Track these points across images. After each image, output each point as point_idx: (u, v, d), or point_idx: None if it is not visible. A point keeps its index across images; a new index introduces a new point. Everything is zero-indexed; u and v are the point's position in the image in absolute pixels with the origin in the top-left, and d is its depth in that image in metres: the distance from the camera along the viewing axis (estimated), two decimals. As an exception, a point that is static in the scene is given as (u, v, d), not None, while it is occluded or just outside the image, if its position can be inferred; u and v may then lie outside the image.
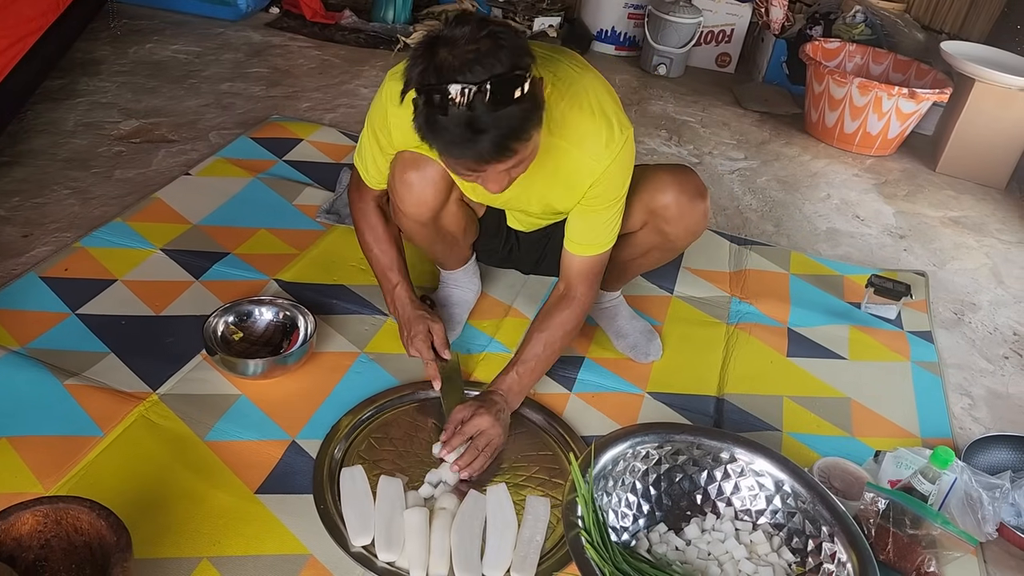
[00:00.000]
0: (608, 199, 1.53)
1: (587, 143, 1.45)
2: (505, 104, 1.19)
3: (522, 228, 1.81)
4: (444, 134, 1.22)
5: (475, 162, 1.26)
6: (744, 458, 1.50)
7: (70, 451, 1.45)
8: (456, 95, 1.17)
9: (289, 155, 2.57)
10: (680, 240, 1.72)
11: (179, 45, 3.29)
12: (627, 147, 1.48)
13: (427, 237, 1.73)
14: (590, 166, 1.47)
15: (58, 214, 2.13)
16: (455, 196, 1.66)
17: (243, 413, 1.61)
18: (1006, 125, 3.15)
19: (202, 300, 1.87)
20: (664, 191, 1.64)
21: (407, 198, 1.60)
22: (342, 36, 3.65)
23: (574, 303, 1.63)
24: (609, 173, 1.48)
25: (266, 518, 1.41)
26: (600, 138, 1.45)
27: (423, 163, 1.55)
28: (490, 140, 1.21)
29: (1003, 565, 1.57)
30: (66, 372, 1.62)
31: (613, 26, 3.97)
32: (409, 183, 1.58)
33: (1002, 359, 2.19)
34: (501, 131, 1.21)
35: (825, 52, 3.59)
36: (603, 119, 1.45)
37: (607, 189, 1.51)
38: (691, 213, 1.66)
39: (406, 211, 1.63)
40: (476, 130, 1.20)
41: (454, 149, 1.24)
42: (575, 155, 1.46)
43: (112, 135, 2.56)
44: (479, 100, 1.17)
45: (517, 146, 1.25)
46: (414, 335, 1.68)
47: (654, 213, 1.66)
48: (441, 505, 1.44)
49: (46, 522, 1.17)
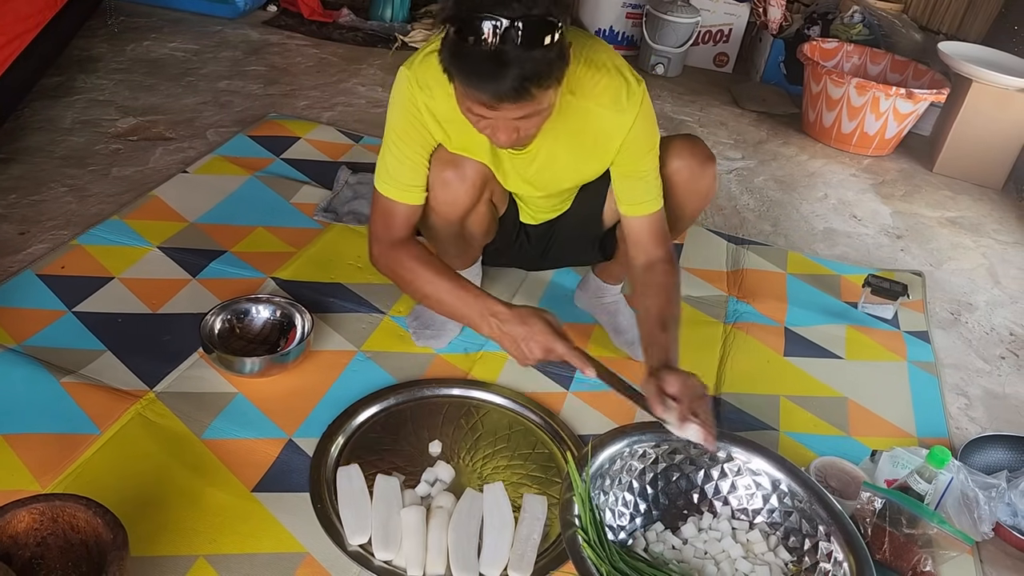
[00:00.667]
0: (643, 150, 1.55)
1: (610, 100, 1.47)
2: (534, 46, 1.20)
3: (532, 221, 1.81)
4: (467, 62, 1.22)
5: (492, 98, 1.25)
6: (741, 457, 1.50)
7: (67, 449, 1.45)
8: (489, 28, 1.18)
9: (287, 153, 2.56)
10: (689, 206, 1.72)
11: (177, 43, 3.29)
12: (646, 97, 1.51)
13: (449, 236, 1.71)
14: (618, 121, 1.49)
15: (55, 212, 2.13)
16: (485, 197, 1.65)
17: (240, 411, 1.60)
18: (1003, 126, 3.16)
19: (199, 298, 1.87)
20: (675, 156, 1.65)
21: (442, 196, 1.59)
22: (340, 34, 3.65)
23: (670, 264, 1.59)
24: (637, 124, 1.50)
25: (263, 516, 1.40)
26: (621, 92, 1.47)
27: (461, 162, 1.55)
28: (512, 77, 1.21)
29: (999, 564, 1.57)
30: (62, 370, 1.61)
31: (611, 25, 3.96)
32: (446, 181, 1.56)
33: (998, 359, 2.20)
34: (524, 70, 1.21)
35: (823, 52, 3.59)
36: (618, 74, 1.48)
37: (640, 141, 1.53)
38: (701, 177, 1.67)
39: (438, 209, 1.61)
40: (501, 63, 1.20)
41: (474, 80, 1.24)
42: (600, 113, 1.48)
43: (109, 133, 2.55)
44: (510, 36, 1.18)
45: (536, 91, 1.25)
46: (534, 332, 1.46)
47: (667, 179, 1.66)
48: (438, 504, 1.44)
49: (42, 520, 1.17)
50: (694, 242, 2.44)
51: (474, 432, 1.64)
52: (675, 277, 1.61)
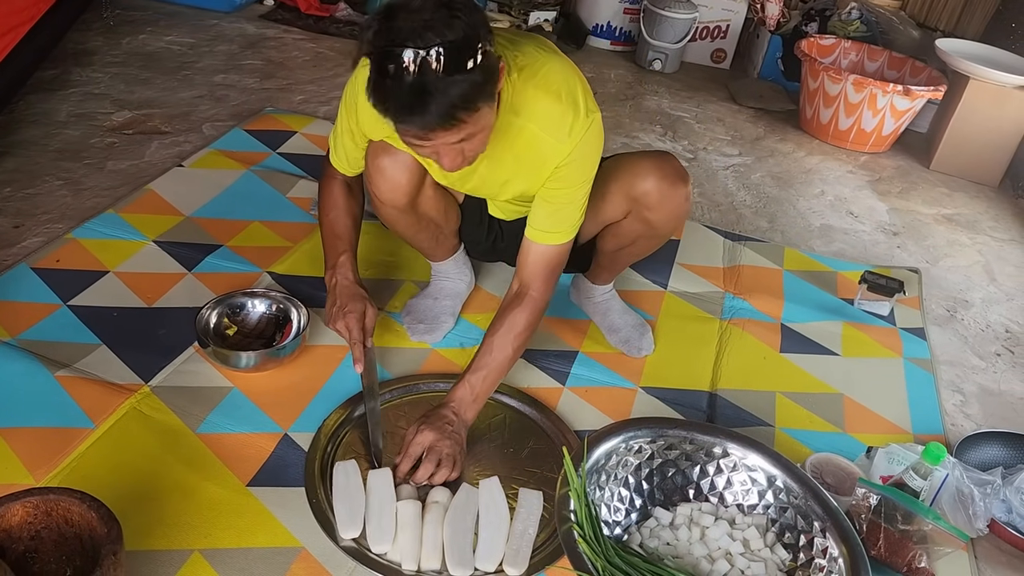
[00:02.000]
0: (573, 182, 1.51)
1: (552, 125, 1.44)
2: (454, 72, 1.19)
3: (503, 216, 1.81)
4: (392, 98, 1.22)
5: (421, 130, 1.25)
6: (737, 453, 1.50)
7: (61, 443, 1.45)
8: (406, 59, 1.17)
9: (283, 147, 2.56)
10: (664, 226, 1.70)
11: (173, 36, 3.27)
12: (593, 130, 1.47)
13: (409, 225, 1.71)
14: (555, 148, 1.46)
15: (50, 205, 2.12)
16: (430, 180, 1.65)
17: (235, 406, 1.60)
18: (1000, 123, 3.16)
19: (195, 292, 1.86)
20: (644, 178, 1.63)
21: (381, 184, 1.60)
22: (337, 29, 3.63)
23: (528, 303, 1.57)
24: (574, 156, 1.47)
25: (258, 511, 1.40)
26: (566, 120, 1.44)
27: (394, 149, 1.55)
28: (436, 106, 1.20)
29: (994, 561, 1.57)
30: (57, 363, 1.61)
31: (609, 21, 3.96)
32: (381, 168, 1.58)
33: (994, 356, 2.20)
34: (448, 98, 1.20)
35: (820, 49, 3.59)
36: (569, 101, 1.45)
37: (572, 172, 1.50)
38: (672, 198, 1.64)
39: (382, 197, 1.62)
40: (424, 94, 1.19)
41: (401, 114, 1.23)
42: (540, 137, 1.46)
43: (105, 126, 2.54)
44: (427, 66, 1.17)
45: (464, 115, 1.24)
46: (349, 310, 1.60)
47: (636, 200, 1.65)
48: (434, 499, 1.44)
49: (36, 513, 1.16)
50: (691, 238, 2.44)
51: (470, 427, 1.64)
52: (530, 325, 1.57)
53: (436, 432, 1.48)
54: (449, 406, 1.53)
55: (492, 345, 1.56)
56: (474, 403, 1.55)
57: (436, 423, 1.50)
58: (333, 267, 1.67)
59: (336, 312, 1.62)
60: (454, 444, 1.49)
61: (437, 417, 1.51)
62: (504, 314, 1.58)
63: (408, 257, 2.08)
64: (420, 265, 2.04)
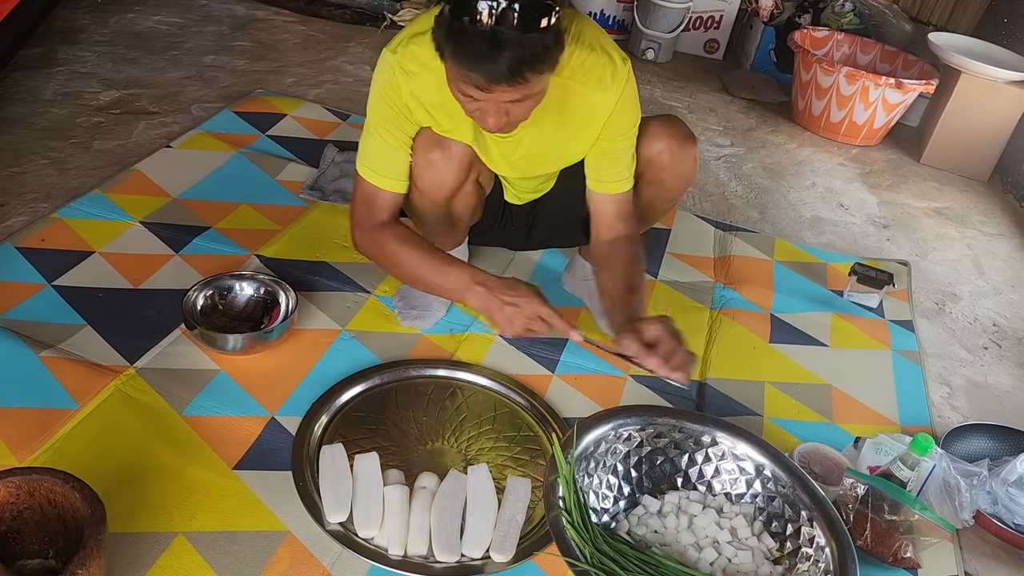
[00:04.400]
0: (625, 130, 1.56)
1: (594, 79, 1.47)
2: (531, 29, 1.20)
3: (517, 201, 1.81)
4: (464, 43, 1.21)
5: (485, 80, 1.24)
6: (726, 442, 1.50)
7: (44, 423, 1.43)
8: (485, 8, 1.17)
9: (272, 130, 2.53)
10: (674, 188, 1.74)
11: (161, 16, 3.24)
12: (631, 77, 1.52)
13: (436, 217, 1.70)
14: (602, 101, 1.49)
15: (35, 184, 2.09)
16: (472, 177, 1.65)
17: (222, 388, 1.59)
18: (991, 118, 3.16)
19: (182, 274, 1.84)
20: (656, 138, 1.66)
21: (428, 176, 1.58)
22: (328, 11, 3.60)
23: (631, 241, 1.62)
24: (621, 104, 1.51)
25: (244, 494, 1.39)
26: (607, 71, 1.47)
27: (447, 143, 1.55)
28: (507, 60, 1.21)
29: (978, 552, 1.58)
30: (41, 344, 1.59)
31: (602, 9, 3.94)
32: (433, 162, 1.56)
33: (981, 349, 2.21)
34: (520, 54, 1.21)
35: (813, 40, 3.59)
36: (604, 54, 1.48)
37: (623, 120, 1.54)
38: (683, 158, 1.69)
39: (424, 189, 1.60)
40: (497, 46, 1.19)
41: (469, 60, 1.23)
42: (585, 94, 1.47)
43: (91, 105, 2.51)
44: (507, 17, 1.18)
45: (530, 75, 1.25)
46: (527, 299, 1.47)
47: (649, 161, 1.67)
48: (421, 484, 1.43)
49: (19, 493, 1.15)
50: (681, 228, 2.44)
51: (459, 413, 1.63)
52: (639, 252, 1.64)
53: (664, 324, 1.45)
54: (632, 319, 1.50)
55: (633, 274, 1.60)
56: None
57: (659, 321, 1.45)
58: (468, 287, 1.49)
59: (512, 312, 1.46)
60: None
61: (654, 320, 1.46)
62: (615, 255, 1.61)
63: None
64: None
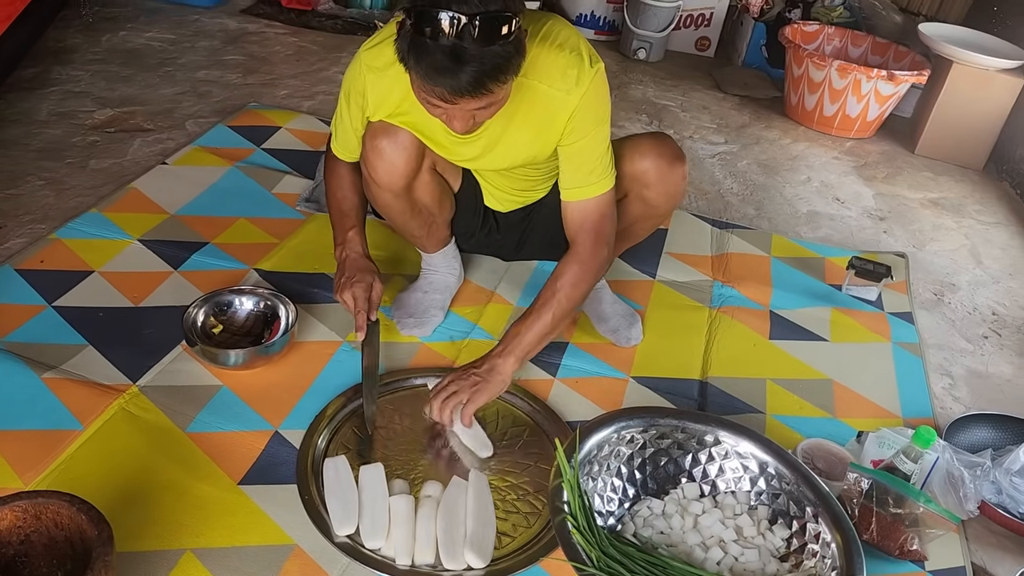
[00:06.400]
0: (587, 130, 1.52)
1: (558, 79, 1.46)
2: (491, 42, 1.21)
3: (500, 208, 1.81)
4: (426, 58, 1.23)
5: (449, 93, 1.26)
6: (729, 441, 1.51)
7: (49, 445, 1.43)
8: (447, 22, 1.18)
9: (267, 143, 2.54)
10: (662, 205, 1.73)
11: (153, 32, 3.24)
12: (598, 78, 1.50)
13: (402, 211, 1.71)
14: (564, 100, 1.48)
15: (32, 205, 2.09)
16: (427, 165, 1.65)
17: (225, 404, 1.59)
18: (983, 107, 3.17)
19: (181, 290, 1.85)
20: (643, 157, 1.66)
21: (379, 165, 1.59)
22: (319, 22, 3.61)
23: (574, 256, 1.60)
24: (583, 104, 1.49)
25: (250, 509, 1.39)
26: (571, 71, 1.46)
27: (393, 130, 1.56)
28: (469, 73, 1.22)
29: (984, 542, 1.58)
30: (44, 365, 1.59)
31: (592, 10, 3.95)
32: (380, 149, 1.57)
33: (981, 339, 2.21)
34: (483, 67, 1.23)
35: (804, 35, 3.59)
36: (573, 54, 1.47)
37: (584, 120, 1.51)
38: (670, 176, 1.67)
39: (378, 180, 1.62)
40: (459, 60, 1.21)
41: (433, 75, 1.25)
42: (548, 93, 1.47)
43: (86, 124, 2.52)
44: (468, 32, 1.19)
45: (494, 86, 1.27)
46: (357, 281, 1.65)
47: (635, 179, 1.67)
48: (426, 493, 1.44)
49: (25, 517, 1.15)
50: (678, 227, 2.44)
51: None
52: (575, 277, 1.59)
53: (455, 374, 1.58)
54: (490, 352, 1.60)
55: (540, 295, 1.61)
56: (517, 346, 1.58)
57: (466, 367, 1.60)
58: (343, 242, 1.71)
59: (344, 283, 1.66)
60: (468, 384, 1.55)
61: (471, 362, 1.61)
62: (554, 270, 1.62)
63: (397, 251, 2.07)
64: (409, 259, 2.03)
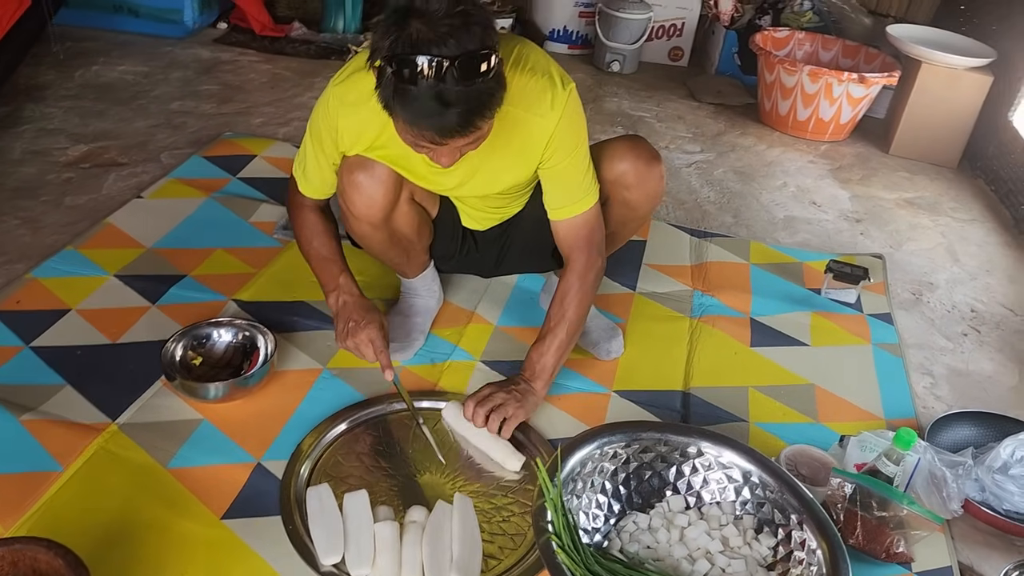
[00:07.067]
0: (568, 151, 1.56)
1: (533, 103, 1.48)
2: (474, 80, 1.22)
3: (478, 227, 1.82)
4: (412, 104, 1.24)
5: (438, 135, 1.28)
6: (711, 451, 1.51)
7: (28, 488, 1.42)
8: (428, 67, 1.19)
9: (243, 172, 2.54)
10: (643, 206, 1.75)
11: (126, 66, 3.24)
12: (572, 99, 1.53)
13: (382, 241, 1.71)
14: (541, 124, 1.50)
15: (8, 245, 2.09)
16: (405, 196, 1.65)
17: (206, 438, 1.58)
18: (954, 105, 3.20)
19: (160, 325, 1.84)
20: (620, 159, 1.68)
21: (357, 199, 1.59)
22: (292, 48, 3.62)
23: (572, 272, 1.65)
24: (561, 126, 1.51)
25: (233, 544, 1.39)
26: (546, 95, 1.48)
27: (370, 164, 1.56)
28: (457, 114, 1.24)
29: (970, 540, 1.59)
30: (22, 407, 1.58)
31: (565, 25, 3.97)
32: (357, 183, 1.58)
33: (961, 336, 2.22)
34: (469, 106, 1.24)
35: (775, 41, 3.63)
36: (545, 77, 1.49)
37: (563, 142, 1.54)
38: (649, 176, 1.69)
39: (357, 213, 1.62)
40: (445, 103, 1.22)
41: (420, 120, 1.26)
42: (524, 118, 1.49)
43: (60, 161, 2.51)
44: (450, 74, 1.20)
45: (481, 123, 1.29)
46: (367, 323, 1.63)
47: (614, 182, 1.69)
48: (411, 519, 1.43)
49: (2, 565, 1.14)
50: (657, 238, 2.45)
51: (445, 444, 1.63)
52: (580, 290, 1.65)
53: (496, 387, 1.64)
54: (520, 375, 1.67)
55: (549, 315, 1.67)
56: (544, 369, 1.66)
57: (503, 383, 1.65)
58: (335, 288, 1.69)
59: (352, 328, 1.64)
60: (512, 398, 1.61)
61: (506, 381, 1.67)
62: (557, 287, 1.68)
63: (376, 275, 2.07)
64: (389, 283, 2.03)
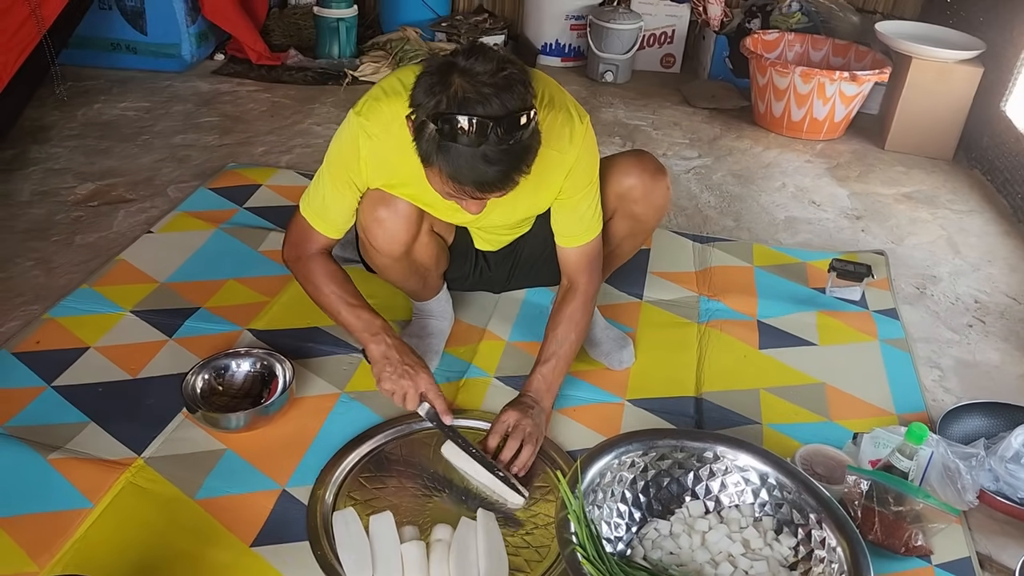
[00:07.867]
0: (583, 185, 1.61)
1: (554, 139, 1.51)
2: (515, 138, 1.26)
3: (490, 248, 1.85)
4: (456, 161, 1.27)
5: (477, 190, 1.32)
6: (728, 455, 1.53)
7: (61, 526, 1.45)
8: (473, 126, 1.23)
9: (249, 202, 2.57)
10: (649, 220, 1.79)
11: (127, 102, 3.29)
12: (589, 133, 1.57)
13: (401, 272, 1.75)
14: (560, 159, 1.54)
15: (23, 287, 2.12)
16: (426, 227, 1.68)
17: (231, 468, 1.61)
18: (946, 98, 3.24)
19: (178, 358, 1.87)
20: (627, 174, 1.72)
21: (380, 235, 1.62)
22: (290, 76, 3.66)
23: (578, 294, 1.70)
24: (579, 162, 1.56)
25: (264, 570, 1.41)
26: (565, 130, 1.52)
27: (391, 200, 1.59)
28: (498, 172, 1.28)
29: (987, 530, 1.61)
30: (48, 447, 1.60)
31: (557, 39, 4.02)
32: (380, 220, 1.60)
33: (966, 328, 2.25)
34: (510, 165, 1.29)
35: (765, 44, 3.66)
36: (563, 111, 1.53)
37: (580, 177, 1.59)
38: (655, 190, 1.74)
39: (379, 247, 1.65)
40: (488, 161, 1.26)
41: (462, 176, 1.29)
42: (544, 153, 1.49)
43: (69, 201, 2.55)
44: (495, 134, 1.24)
45: (519, 178, 1.33)
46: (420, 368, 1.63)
47: (622, 197, 1.73)
48: (437, 537, 1.46)
49: (44, 603, 1.17)
50: (660, 245, 2.48)
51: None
52: (585, 313, 1.72)
53: (520, 412, 1.62)
54: (527, 395, 1.67)
55: (556, 336, 1.70)
56: (549, 391, 1.69)
57: (519, 406, 1.64)
58: (377, 333, 1.64)
59: (403, 372, 1.61)
60: (535, 425, 1.62)
61: (519, 403, 1.65)
62: (561, 308, 1.71)
63: (388, 297, 2.09)
64: (401, 305, 2.06)
